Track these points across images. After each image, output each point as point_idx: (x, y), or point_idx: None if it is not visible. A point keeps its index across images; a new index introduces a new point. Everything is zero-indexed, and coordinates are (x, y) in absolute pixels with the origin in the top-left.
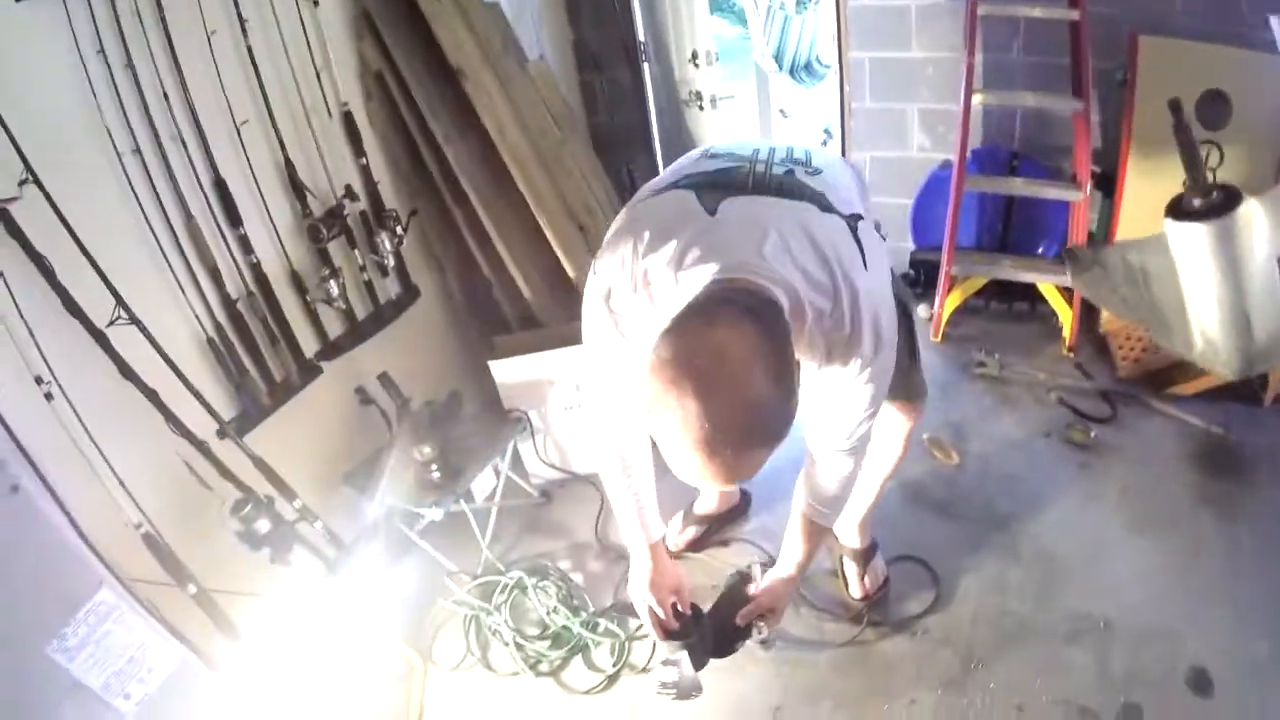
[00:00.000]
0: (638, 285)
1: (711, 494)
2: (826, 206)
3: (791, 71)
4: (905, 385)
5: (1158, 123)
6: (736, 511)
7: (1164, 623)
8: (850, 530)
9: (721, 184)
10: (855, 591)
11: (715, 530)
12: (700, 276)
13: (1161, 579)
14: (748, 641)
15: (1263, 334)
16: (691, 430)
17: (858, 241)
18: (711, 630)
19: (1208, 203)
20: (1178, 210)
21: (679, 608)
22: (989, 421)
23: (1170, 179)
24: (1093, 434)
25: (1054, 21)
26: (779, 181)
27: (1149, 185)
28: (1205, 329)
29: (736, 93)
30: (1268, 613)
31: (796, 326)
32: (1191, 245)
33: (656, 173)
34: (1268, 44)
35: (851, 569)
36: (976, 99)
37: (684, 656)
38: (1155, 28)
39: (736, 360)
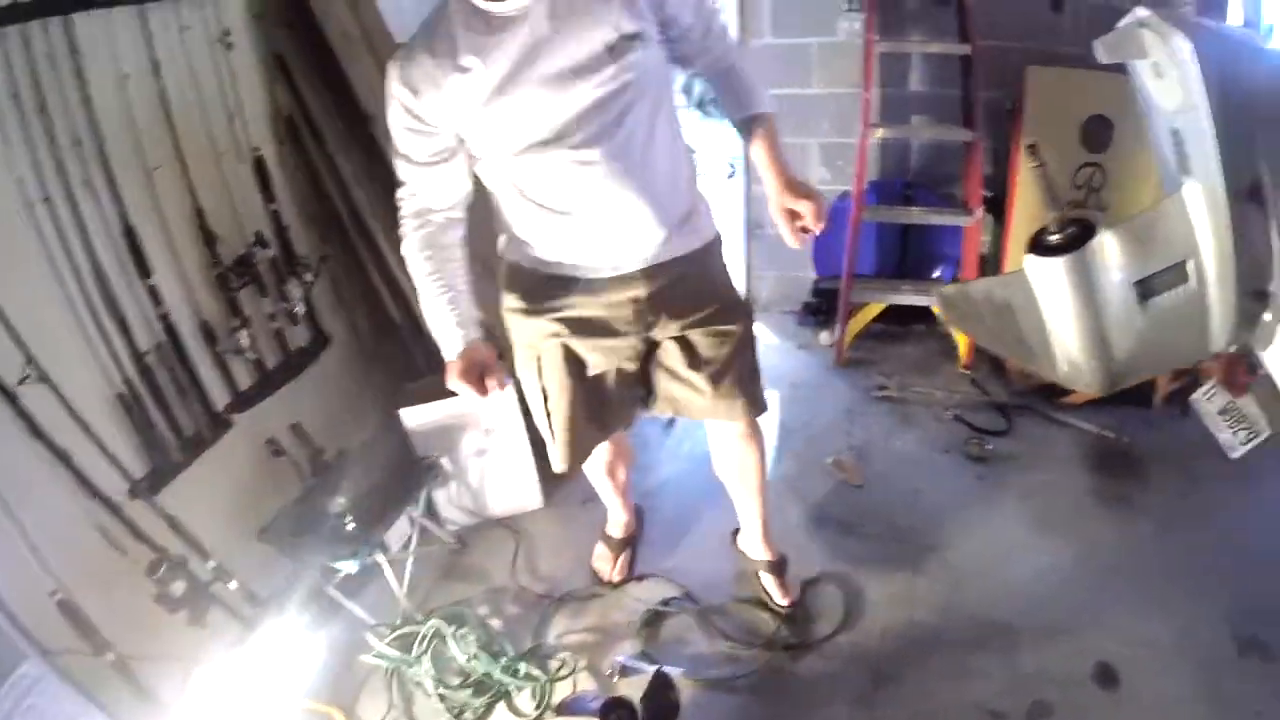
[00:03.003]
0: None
1: (620, 514)
2: None
3: (699, 105)
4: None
5: (1045, 147)
6: (641, 521)
7: (1067, 621)
8: (758, 545)
9: None
10: (780, 600)
11: (638, 550)
12: None
13: (1062, 579)
14: None
15: (1123, 353)
16: None
17: None
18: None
19: (1065, 237)
20: (1036, 246)
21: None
22: (891, 441)
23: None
24: (989, 446)
25: (947, 56)
26: None
27: (1036, 208)
28: (1068, 353)
29: None
30: (1166, 602)
31: None
32: (1050, 278)
33: None
34: None
35: (770, 580)
36: (873, 133)
37: None
38: (1043, 59)
39: None
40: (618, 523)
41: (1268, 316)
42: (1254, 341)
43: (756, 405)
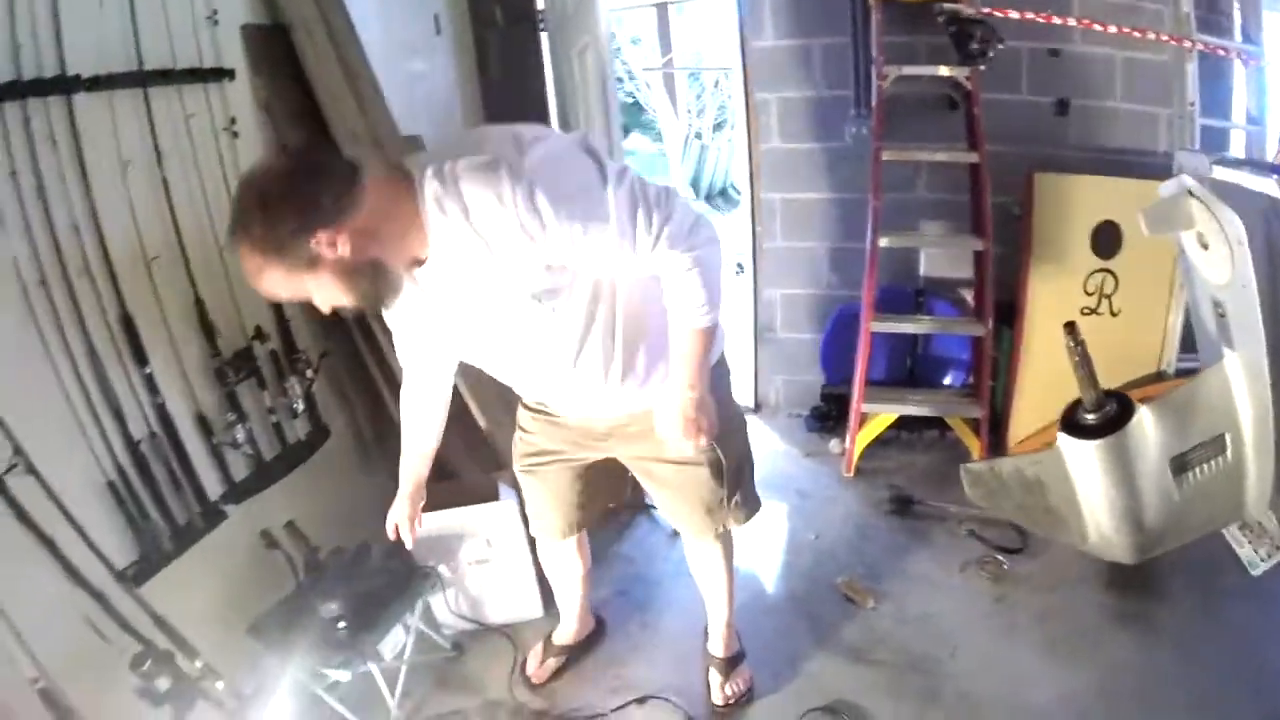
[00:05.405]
0: None
1: (570, 623)
2: None
3: (708, 198)
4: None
5: (1053, 253)
6: (594, 637)
7: None
8: (714, 640)
9: None
10: (716, 698)
11: (576, 659)
12: None
13: (1083, 706)
14: None
15: (1155, 526)
16: None
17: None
18: None
19: (1101, 416)
20: (1071, 425)
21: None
22: (904, 559)
23: (1068, 307)
24: (1005, 565)
25: (955, 163)
26: None
27: (1048, 315)
28: (1099, 526)
29: None
30: None
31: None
32: (1085, 459)
33: None
34: (1154, 171)
35: (715, 677)
36: (883, 241)
37: None
38: (1049, 164)
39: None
40: (566, 630)
41: None
42: None
43: (715, 529)
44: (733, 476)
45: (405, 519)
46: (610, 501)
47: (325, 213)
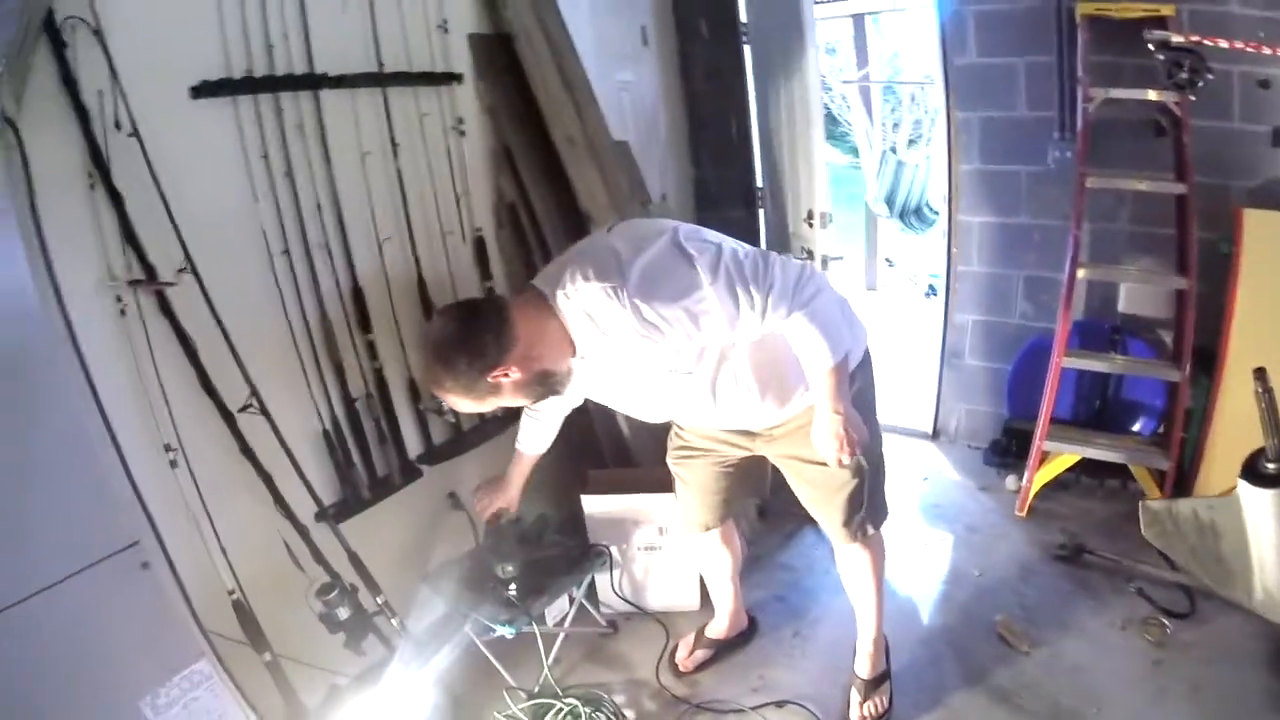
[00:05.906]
0: None
1: (723, 618)
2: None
3: (901, 216)
4: (840, 518)
5: (1260, 298)
6: (745, 636)
7: None
8: (862, 660)
9: None
10: (853, 716)
11: (724, 655)
12: None
13: None
14: None
15: None
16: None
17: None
18: None
19: None
20: (1251, 471)
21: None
22: (1064, 608)
23: (1271, 358)
24: (1169, 629)
25: (1160, 194)
26: None
27: (1249, 365)
28: (1266, 582)
29: (845, 227)
30: None
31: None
32: (1261, 507)
33: None
34: None
35: (855, 695)
36: (1081, 273)
37: None
38: (1261, 199)
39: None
40: (718, 625)
41: None
42: None
43: (854, 532)
44: (871, 481)
45: (497, 499)
46: (754, 497)
47: (492, 356)
